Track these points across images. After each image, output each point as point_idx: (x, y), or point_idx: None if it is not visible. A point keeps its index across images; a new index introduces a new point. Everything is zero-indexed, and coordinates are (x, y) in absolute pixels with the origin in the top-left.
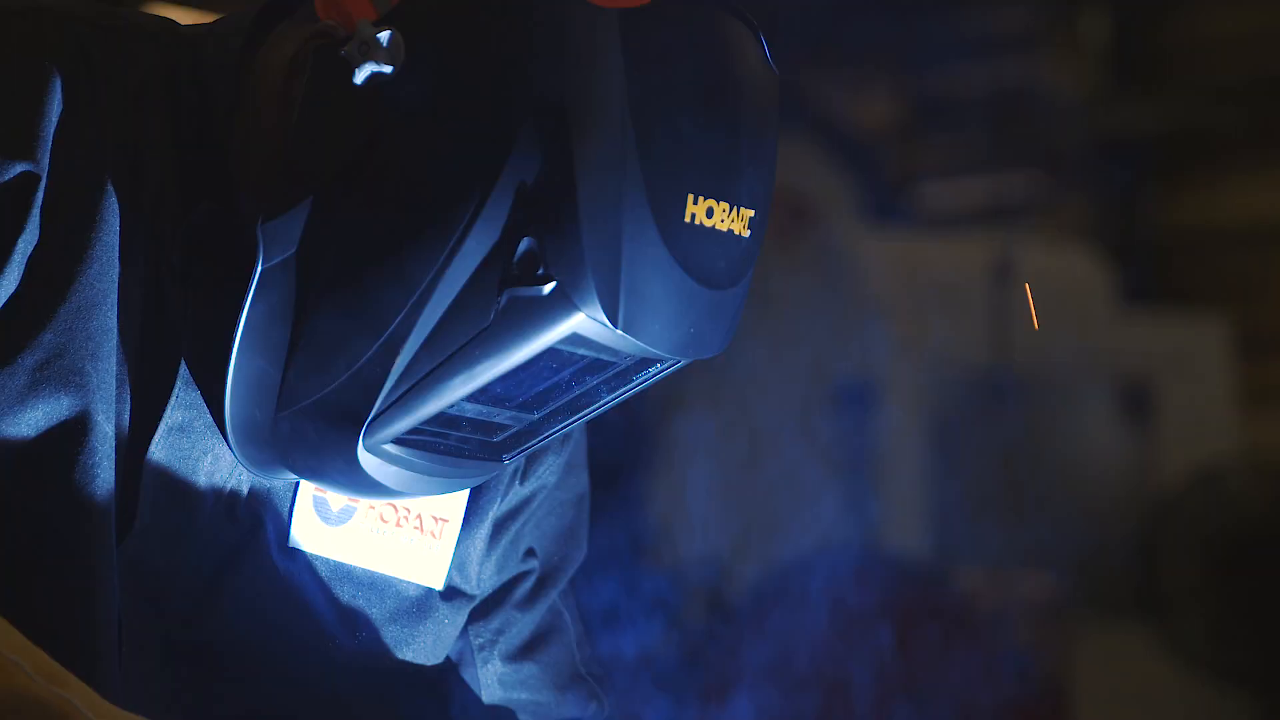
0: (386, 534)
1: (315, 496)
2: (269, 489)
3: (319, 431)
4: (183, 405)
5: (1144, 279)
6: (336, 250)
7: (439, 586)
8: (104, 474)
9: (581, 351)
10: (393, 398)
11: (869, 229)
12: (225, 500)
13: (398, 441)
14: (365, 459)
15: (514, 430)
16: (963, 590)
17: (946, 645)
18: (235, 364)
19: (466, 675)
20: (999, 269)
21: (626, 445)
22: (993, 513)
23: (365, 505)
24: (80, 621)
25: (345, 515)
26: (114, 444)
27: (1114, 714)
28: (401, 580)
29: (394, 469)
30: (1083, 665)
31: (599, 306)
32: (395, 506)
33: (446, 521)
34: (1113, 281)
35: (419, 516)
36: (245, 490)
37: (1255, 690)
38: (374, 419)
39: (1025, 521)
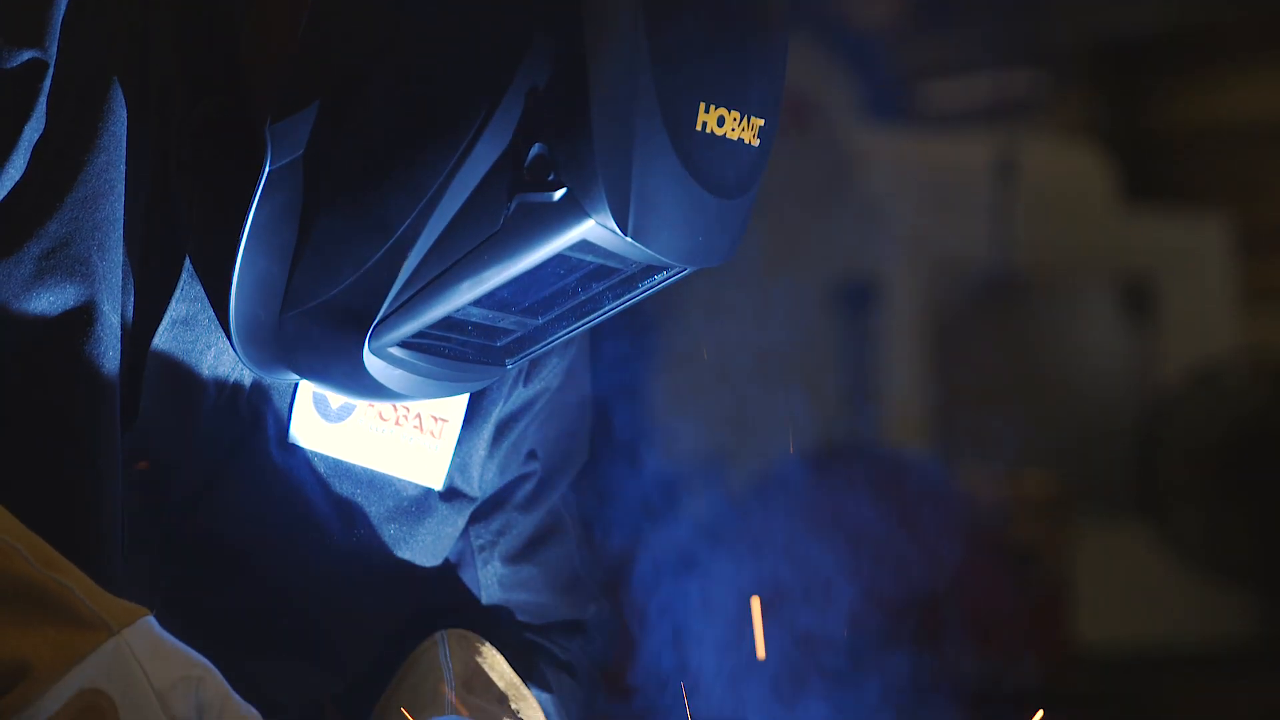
0: (386, 432)
1: (315, 394)
2: (270, 385)
3: (324, 333)
4: (187, 298)
5: (1146, 177)
6: (345, 153)
7: (438, 487)
8: (109, 363)
9: (589, 258)
10: (399, 301)
11: (870, 127)
12: (226, 395)
13: (403, 345)
14: (370, 362)
15: (518, 335)
16: (963, 487)
17: (946, 541)
18: (241, 264)
19: (466, 576)
20: (1000, 167)
21: (628, 344)
22: (993, 410)
23: (365, 404)
24: (83, 510)
25: (345, 413)
26: (119, 334)
27: (1112, 609)
28: (400, 479)
29: (398, 372)
30: (1082, 561)
31: (609, 214)
32: (395, 405)
33: (446, 422)
34: (1114, 179)
35: (418, 416)
36: (246, 386)
37: (1252, 585)
38: (380, 322)
39: (1025, 419)
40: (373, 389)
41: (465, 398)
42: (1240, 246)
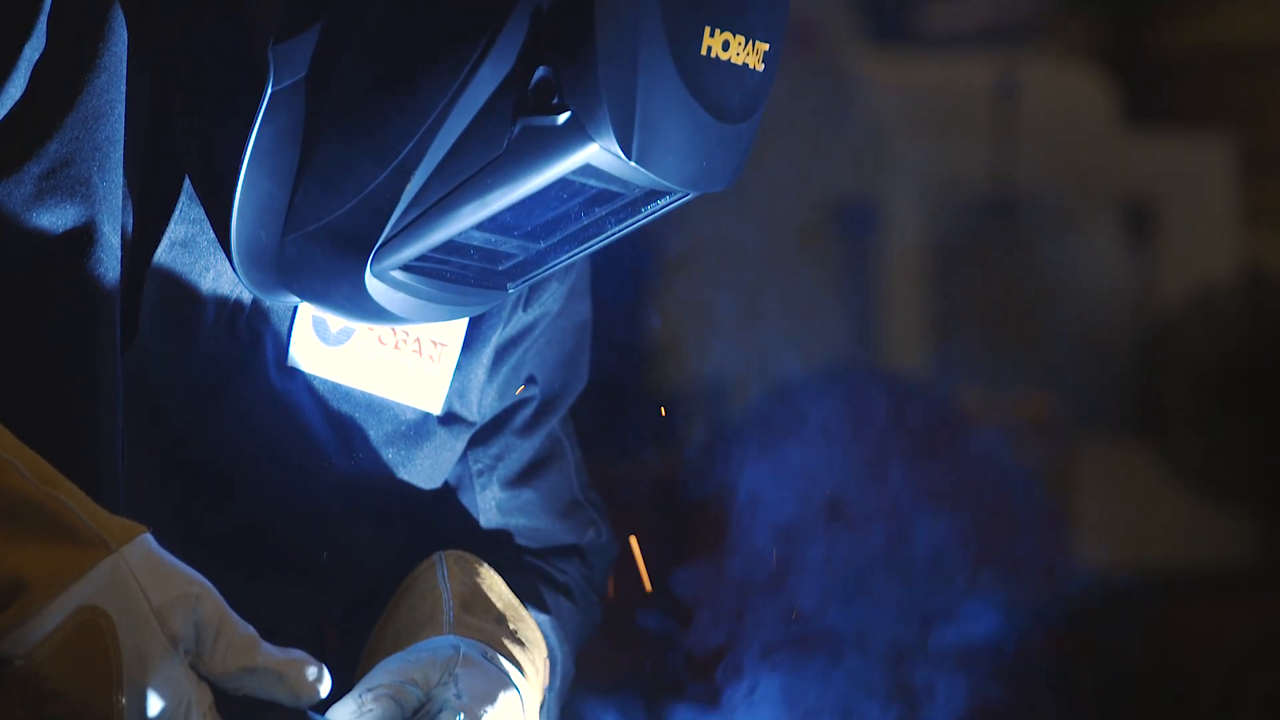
0: (385, 356)
1: (314, 317)
2: (269, 308)
3: (326, 256)
4: (186, 220)
5: (1147, 98)
6: (348, 75)
7: (437, 411)
8: (109, 284)
9: (592, 182)
10: (402, 224)
11: (870, 48)
12: (226, 317)
13: (405, 268)
14: (372, 284)
15: (520, 259)
16: (963, 409)
17: (946, 464)
18: (242, 186)
19: (465, 500)
20: (1001, 89)
21: (630, 269)
22: (993, 333)
23: (364, 327)
24: (82, 430)
25: (344, 336)
26: (119, 255)
27: (1112, 531)
28: (399, 403)
29: (400, 295)
30: (1081, 483)
31: (613, 138)
32: (394, 329)
33: (445, 346)
34: (1116, 101)
35: (417, 340)
36: (246, 308)
37: (1251, 507)
38: (382, 245)
39: (1026, 341)
40: (374, 312)
41: (464, 322)
42: (1242, 168)
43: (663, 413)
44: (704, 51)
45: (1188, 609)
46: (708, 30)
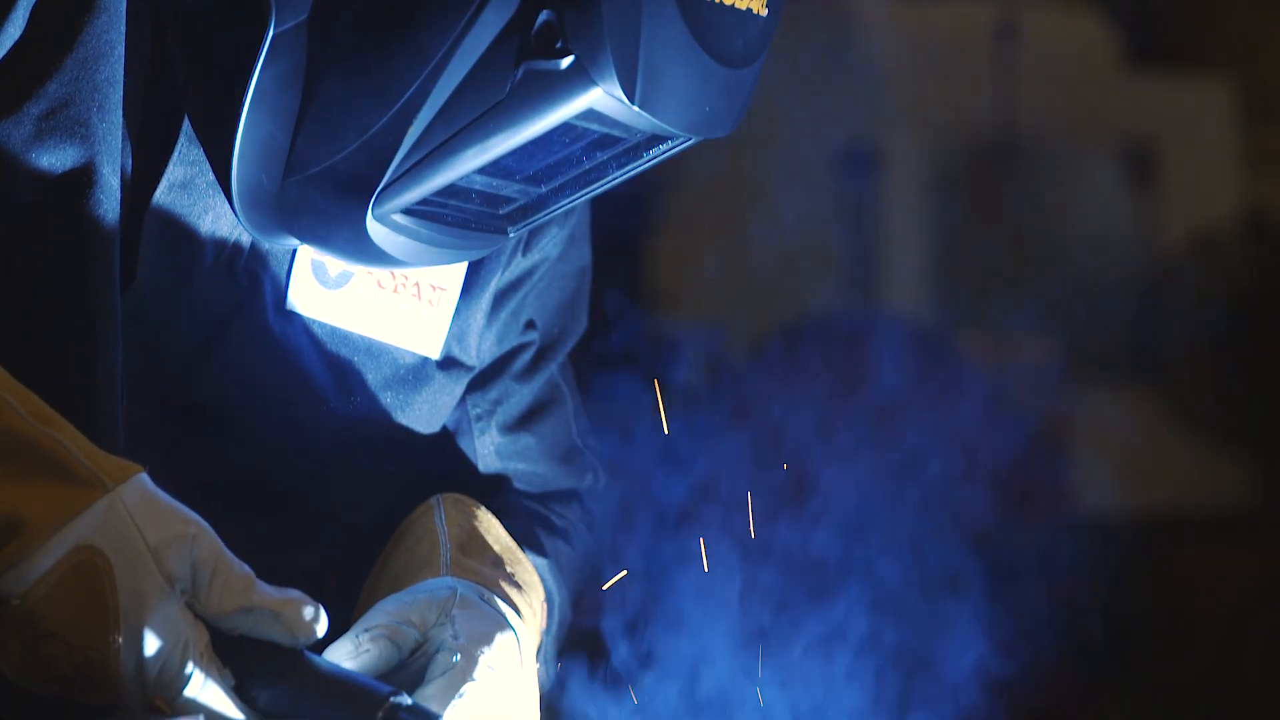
0: (383, 300)
1: (313, 260)
2: (267, 251)
3: (327, 199)
4: (185, 161)
5: (1149, 41)
6: (351, 17)
7: (435, 355)
8: (108, 225)
9: (594, 127)
10: (404, 168)
11: None
12: (225, 259)
13: (406, 212)
14: (373, 228)
15: (521, 203)
16: (965, 353)
17: (948, 407)
18: (243, 129)
19: (464, 445)
20: (1002, 31)
21: (631, 208)
22: (995, 276)
23: (363, 271)
24: (82, 370)
25: (342, 280)
26: (119, 196)
27: (1114, 475)
28: (397, 347)
29: (401, 239)
30: (1083, 427)
31: (617, 82)
32: (393, 273)
33: (444, 290)
34: (1117, 43)
35: (416, 284)
36: (245, 250)
37: (1253, 450)
38: (384, 188)
39: (1027, 284)
40: (374, 255)
41: (463, 266)
42: (1243, 111)
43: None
44: None
45: (1189, 553)
46: None
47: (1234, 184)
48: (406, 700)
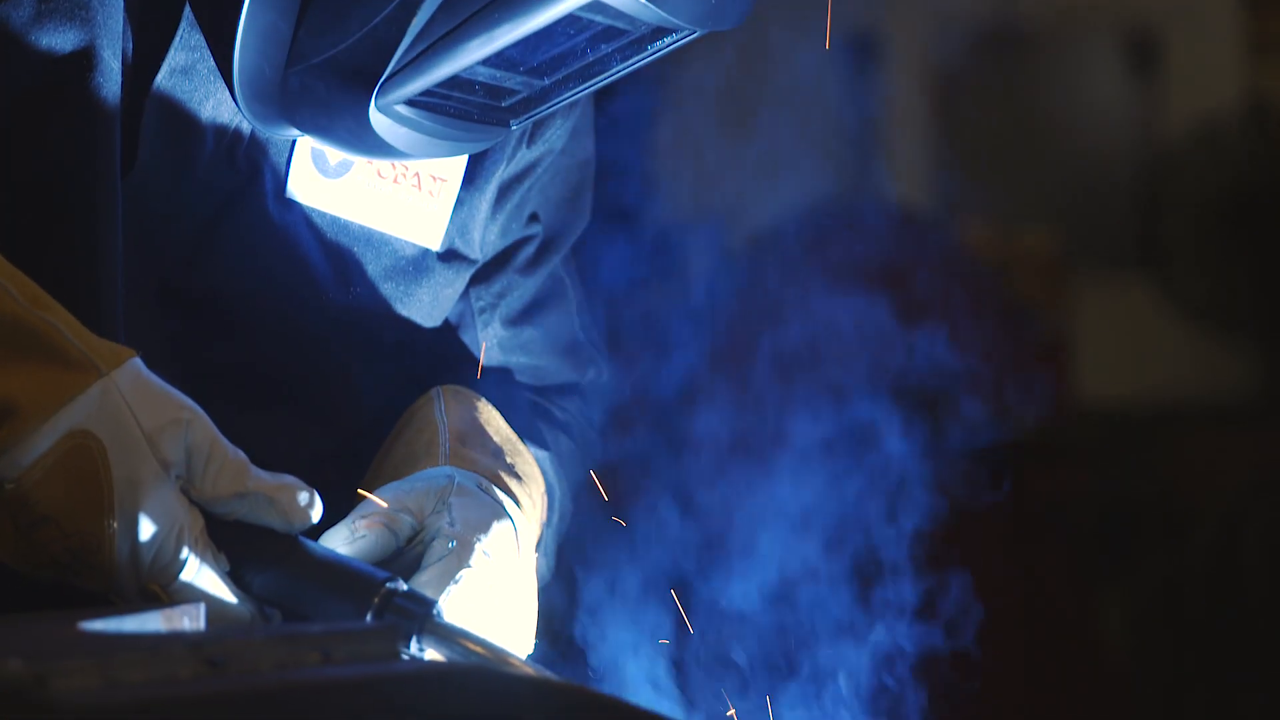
0: (383, 190)
1: (313, 148)
2: (268, 139)
3: (330, 89)
4: (186, 47)
5: None
6: None
7: (436, 247)
8: (109, 108)
9: (599, 18)
10: (407, 58)
11: None
12: (225, 146)
13: (409, 103)
14: (376, 119)
15: (524, 95)
16: (966, 243)
17: (949, 297)
18: (246, 17)
19: (466, 338)
20: None
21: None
22: (996, 166)
23: (363, 160)
24: (82, 255)
25: (343, 169)
26: (119, 80)
27: (1113, 364)
28: (398, 238)
29: (403, 130)
30: (1082, 317)
31: None
32: (393, 164)
33: (444, 182)
34: None
35: (416, 175)
36: (245, 138)
37: (1253, 340)
38: (387, 79)
39: (1029, 174)
40: (377, 147)
41: (464, 158)
42: None
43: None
44: None
45: (1188, 442)
46: None
47: (1237, 72)
48: (402, 586)
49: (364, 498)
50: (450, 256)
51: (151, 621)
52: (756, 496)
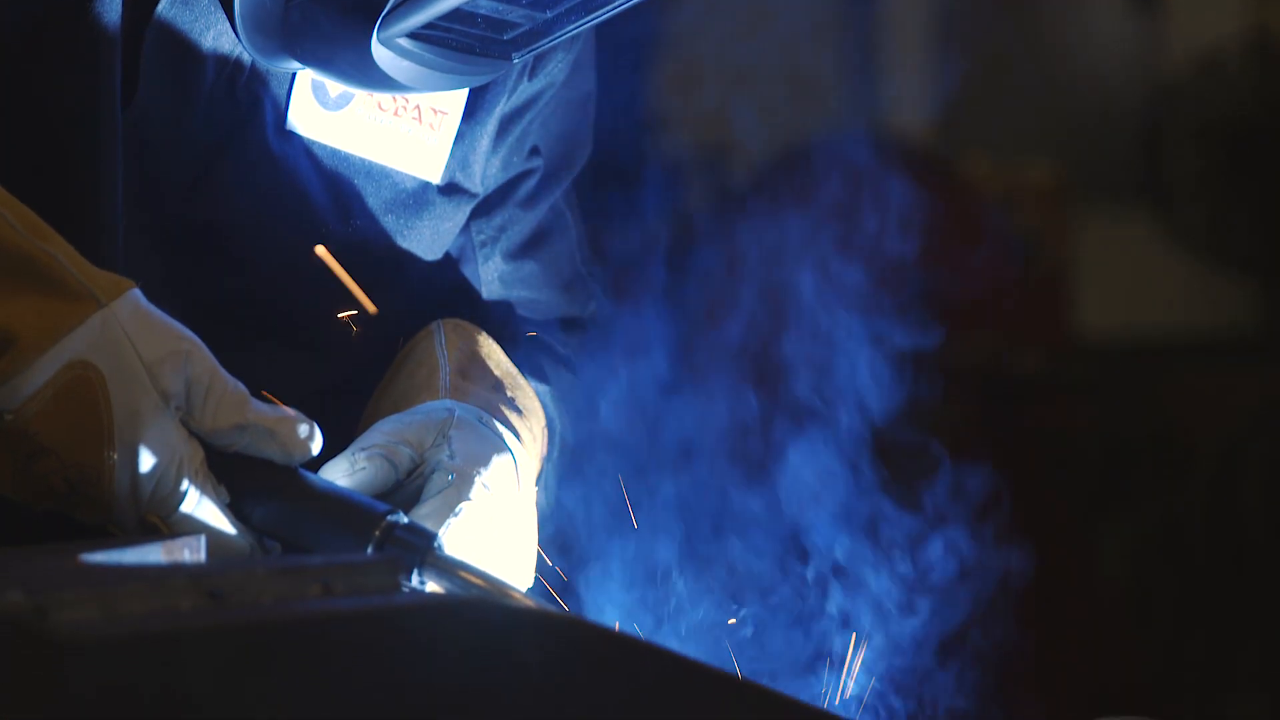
0: (384, 123)
1: (314, 81)
2: (269, 71)
3: (332, 21)
4: None
5: None
6: None
7: (436, 180)
8: (109, 37)
9: None
10: None
11: None
12: (225, 77)
13: (411, 36)
14: (378, 52)
15: (526, 28)
16: (968, 176)
17: (951, 231)
18: None
19: (467, 272)
20: None
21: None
22: (998, 99)
23: (364, 93)
24: (81, 186)
25: (343, 101)
26: (120, 8)
27: (1113, 298)
28: (397, 171)
29: (405, 63)
30: (1084, 250)
31: None
32: (394, 96)
33: (445, 114)
34: None
35: (417, 108)
36: (245, 70)
37: (1254, 274)
38: (389, 11)
39: (1029, 106)
40: (378, 80)
41: (465, 91)
42: None
43: None
44: None
45: (1188, 376)
46: None
47: (1239, 3)
48: (403, 519)
49: (364, 431)
50: (451, 190)
51: (152, 553)
52: (757, 395)
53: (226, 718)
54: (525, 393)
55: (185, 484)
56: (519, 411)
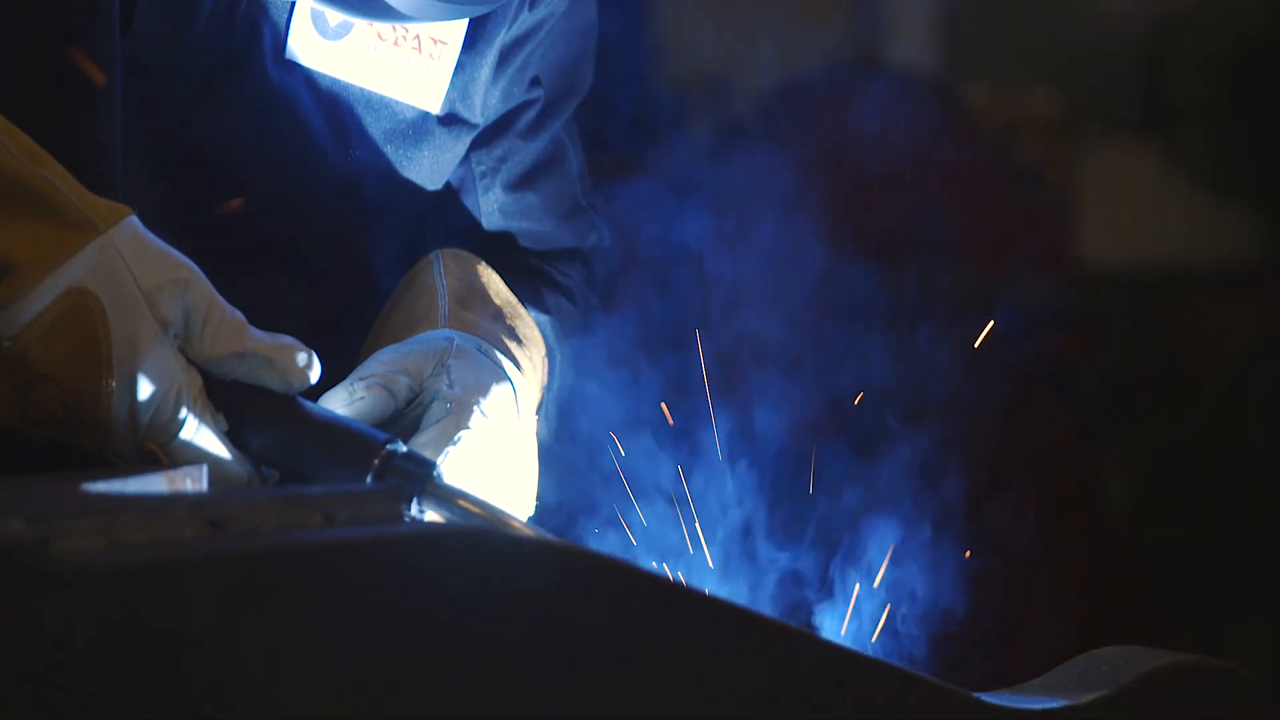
0: (383, 52)
1: (313, 9)
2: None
3: None
4: None
5: None
6: None
7: (436, 110)
8: None
9: None
10: None
11: None
12: (224, 5)
13: None
14: None
15: None
16: (970, 104)
17: (953, 159)
18: None
19: (467, 202)
20: None
21: None
22: (1000, 26)
23: (363, 22)
24: (79, 112)
25: (342, 30)
26: None
27: (1117, 227)
28: (397, 101)
29: None
30: (1087, 181)
31: None
32: (393, 25)
33: (445, 44)
34: None
35: (417, 37)
36: None
37: (1258, 204)
38: None
39: (1031, 36)
40: (379, 9)
41: (465, 21)
42: None
43: None
44: None
45: (1192, 307)
46: None
47: None
48: (402, 448)
49: (363, 360)
50: (450, 120)
51: (154, 483)
52: (760, 334)
53: (229, 645)
54: (525, 322)
55: (184, 411)
56: (519, 341)
